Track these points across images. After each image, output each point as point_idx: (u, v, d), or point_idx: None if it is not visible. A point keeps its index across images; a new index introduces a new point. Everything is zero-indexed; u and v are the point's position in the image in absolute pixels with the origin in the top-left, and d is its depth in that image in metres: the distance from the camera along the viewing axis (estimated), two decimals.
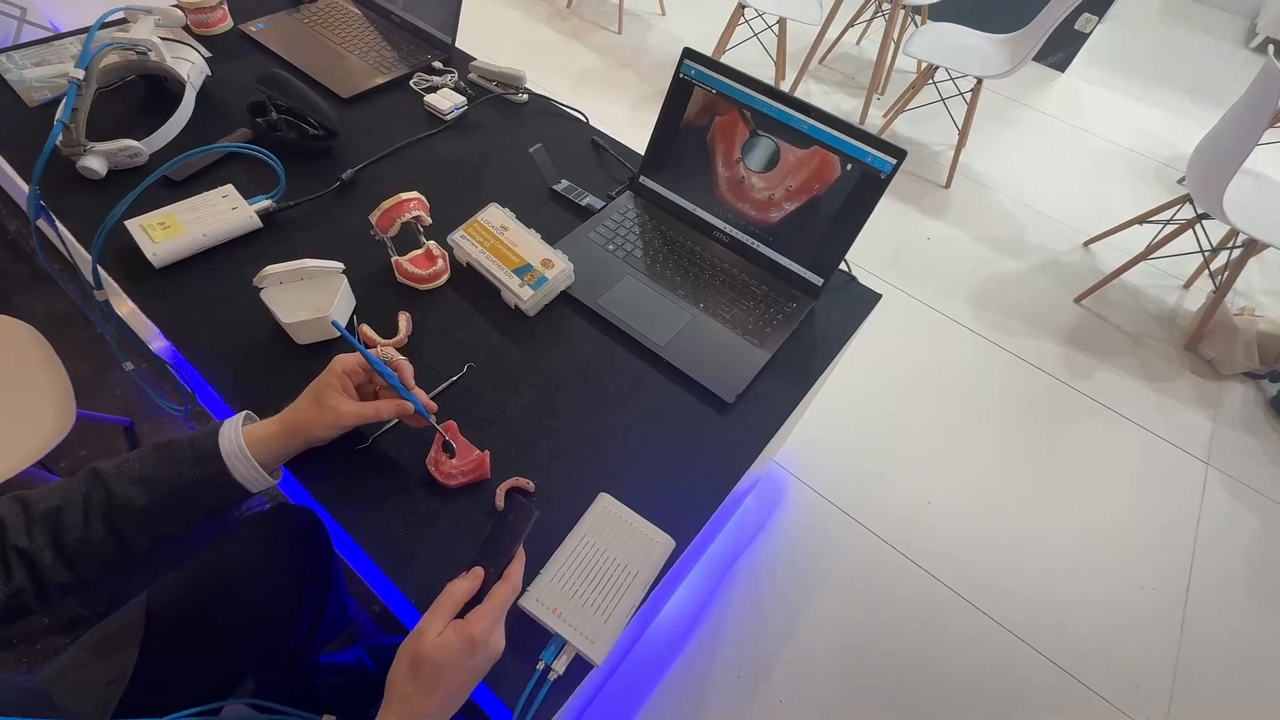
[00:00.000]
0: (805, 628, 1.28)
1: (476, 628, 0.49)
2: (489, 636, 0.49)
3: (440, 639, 0.49)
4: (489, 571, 0.53)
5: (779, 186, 0.83)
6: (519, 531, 0.55)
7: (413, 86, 1.07)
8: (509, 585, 0.53)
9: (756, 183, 0.84)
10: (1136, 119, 2.85)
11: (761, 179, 0.84)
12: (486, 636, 0.49)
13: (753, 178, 0.84)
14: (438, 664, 0.48)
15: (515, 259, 0.79)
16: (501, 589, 0.52)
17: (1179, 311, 2.04)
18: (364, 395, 0.64)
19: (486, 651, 0.49)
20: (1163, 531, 1.52)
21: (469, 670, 0.49)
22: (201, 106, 0.98)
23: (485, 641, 0.49)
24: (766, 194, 0.84)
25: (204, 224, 0.79)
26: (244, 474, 0.58)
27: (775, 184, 0.83)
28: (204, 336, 0.72)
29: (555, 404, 0.72)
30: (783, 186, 0.83)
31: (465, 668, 0.49)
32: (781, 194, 0.83)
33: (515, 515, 0.56)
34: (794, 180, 0.81)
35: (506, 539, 0.55)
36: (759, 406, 0.75)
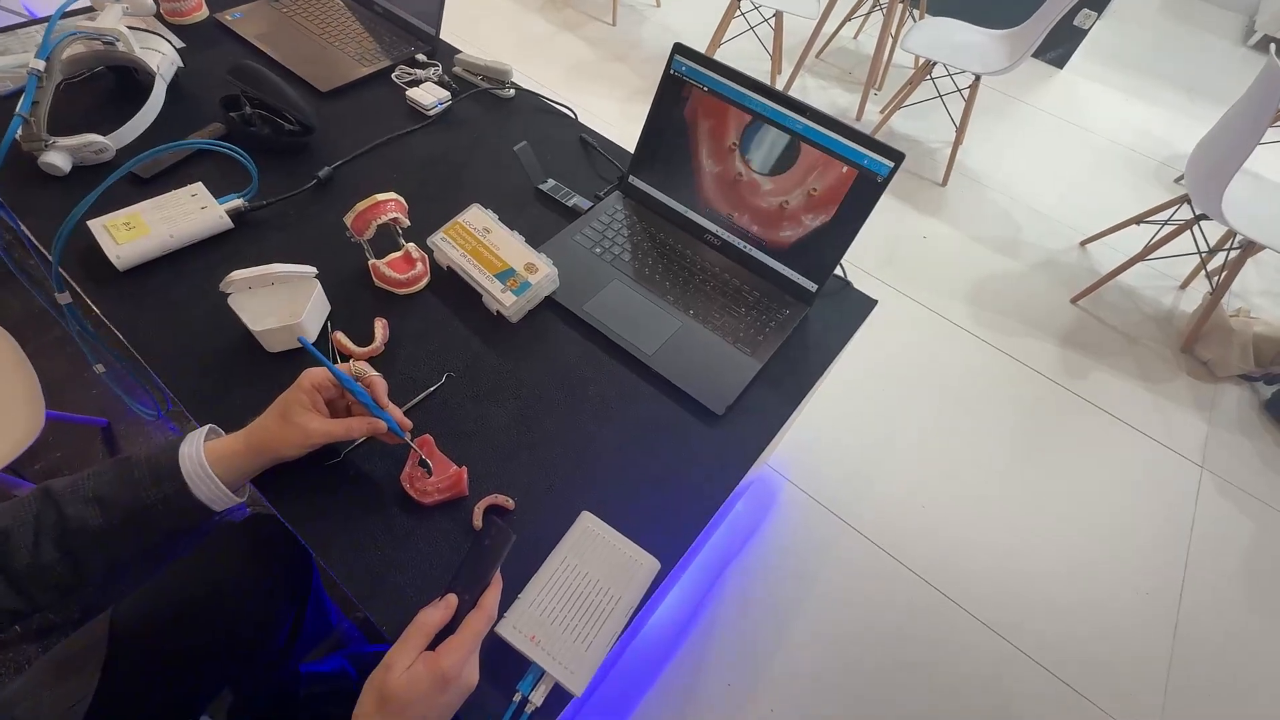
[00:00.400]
0: (797, 635, 1.27)
1: (447, 661, 0.46)
2: (461, 670, 0.47)
3: (409, 674, 0.46)
4: (463, 599, 0.50)
5: (772, 190, 0.80)
6: (496, 556, 0.52)
7: (395, 80, 1.04)
8: (483, 614, 0.50)
9: (750, 185, 0.81)
10: (1135, 116, 2.83)
11: (755, 181, 0.81)
12: (458, 670, 0.46)
13: (745, 179, 0.81)
14: (405, 701, 0.45)
15: (497, 263, 0.76)
16: (475, 618, 0.49)
17: (1175, 313, 2.03)
18: (335, 410, 0.61)
19: (458, 686, 0.47)
20: (1157, 535, 1.51)
21: (439, 707, 0.46)
22: (173, 99, 0.94)
23: (457, 676, 0.46)
24: (760, 197, 0.81)
25: (171, 224, 0.76)
26: (206, 493, 0.55)
27: (771, 188, 0.80)
28: (168, 343, 0.69)
29: (537, 416, 0.69)
30: (777, 190, 0.80)
31: (435, 704, 0.46)
32: (776, 198, 0.80)
33: (492, 539, 0.54)
34: (788, 184, 0.79)
35: (483, 564, 0.52)
36: (749, 419, 0.72)
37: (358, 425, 0.58)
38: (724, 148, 0.82)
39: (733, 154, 0.82)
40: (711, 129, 0.82)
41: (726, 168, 0.83)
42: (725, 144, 0.82)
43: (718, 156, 0.83)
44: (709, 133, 0.82)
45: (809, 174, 0.77)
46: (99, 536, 0.54)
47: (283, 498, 0.60)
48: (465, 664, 0.47)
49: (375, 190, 0.83)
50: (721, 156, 0.82)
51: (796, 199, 0.79)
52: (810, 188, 0.77)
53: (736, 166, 0.82)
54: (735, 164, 0.82)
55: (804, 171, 0.77)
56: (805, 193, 0.78)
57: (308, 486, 0.61)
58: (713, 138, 0.82)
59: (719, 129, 0.81)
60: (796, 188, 0.78)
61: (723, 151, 0.82)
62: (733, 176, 0.82)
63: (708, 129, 0.82)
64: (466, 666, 0.47)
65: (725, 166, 0.83)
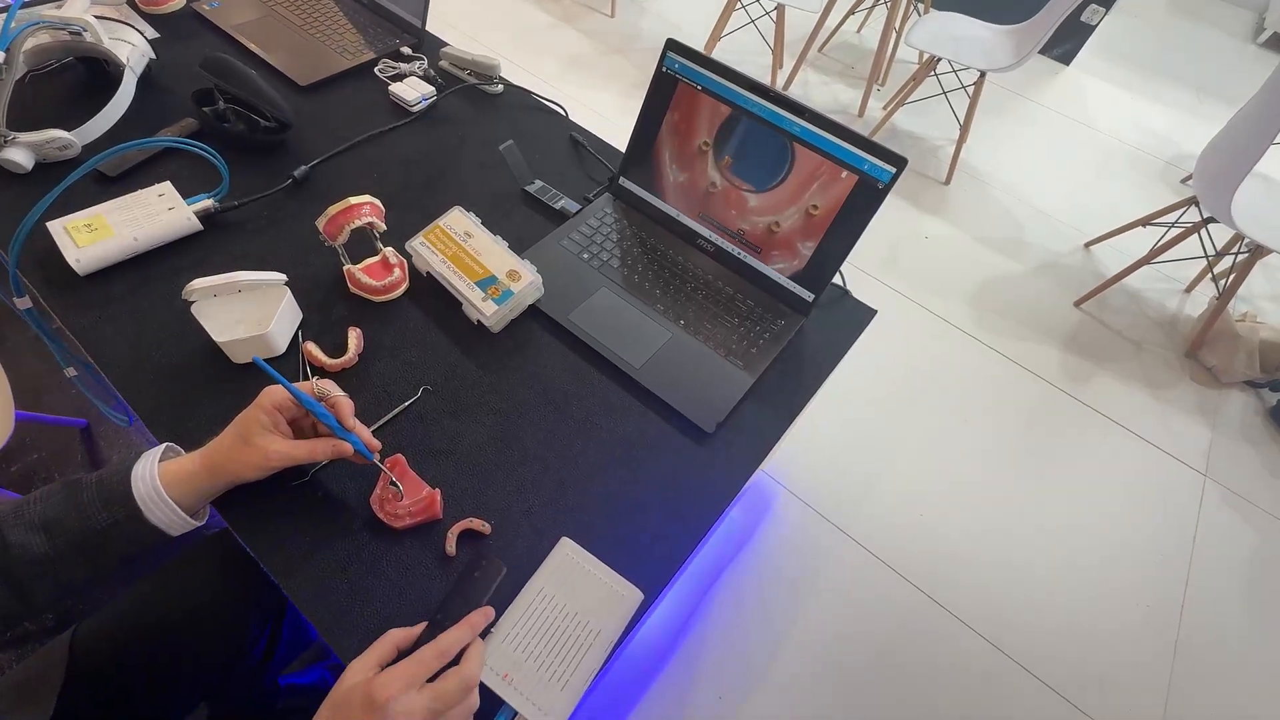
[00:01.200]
0: (790, 646, 1.24)
1: (379, 687, 0.42)
2: (393, 702, 0.42)
3: (345, 688, 0.44)
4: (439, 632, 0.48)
5: (770, 199, 0.76)
6: (485, 589, 0.51)
7: (377, 74, 1.00)
8: (436, 650, 0.46)
9: (748, 196, 0.78)
10: (1141, 115, 2.78)
11: (752, 193, 0.77)
12: (387, 700, 0.42)
13: (743, 185, 0.78)
14: (340, 709, 0.43)
15: (479, 270, 0.72)
16: (427, 652, 0.46)
17: (1180, 317, 1.99)
18: (300, 429, 0.57)
19: (384, 717, 0.42)
20: (1158, 546, 1.48)
21: None
22: (145, 93, 0.90)
23: (383, 707, 0.42)
24: (755, 203, 0.77)
25: (136, 226, 0.72)
26: (161, 518, 0.52)
27: (769, 200, 0.76)
28: (129, 353, 0.65)
29: (517, 433, 0.65)
30: (774, 197, 0.76)
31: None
32: (772, 204, 0.76)
33: (482, 570, 0.52)
34: (785, 192, 0.75)
35: (471, 597, 0.50)
36: (740, 437, 0.69)
37: (321, 447, 0.54)
38: (718, 150, 0.78)
39: (727, 158, 0.78)
40: (704, 129, 0.78)
41: (721, 171, 0.79)
42: (720, 146, 0.78)
43: (711, 159, 0.79)
44: (702, 133, 0.78)
45: (808, 183, 0.73)
46: (45, 564, 0.50)
47: (243, 520, 0.57)
48: (401, 695, 0.43)
49: (353, 191, 0.79)
50: (716, 159, 0.79)
51: (794, 206, 0.75)
52: (807, 196, 0.73)
53: (731, 173, 0.78)
54: (730, 170, 0.78)
55: (803, 180, 0.73)
56: (803, 200, 0.74)
57: (271, 509, 0.57)
58: (705, 139, 0.78)
59: (712, 129, 0.77)
60: (793, 196, 0.75)
61: (717, 154, 0.78)
62: (727, 181, 0.79)
63: (700, 129, 0.78)
64: (403, 699, 0.43)
65: (719, 170, 0.79)
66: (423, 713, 0.43)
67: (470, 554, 0.57)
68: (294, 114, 0.88)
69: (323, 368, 0.66)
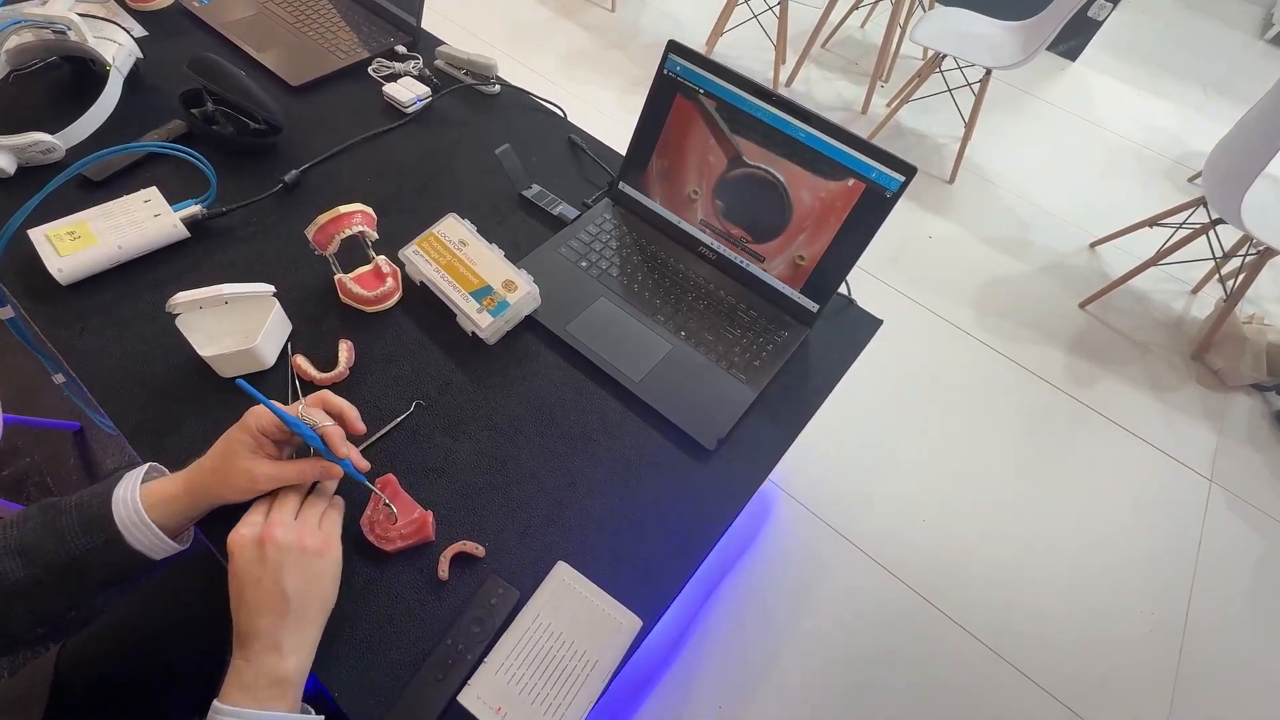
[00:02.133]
0: (791, 654, 1.23)
1: (267, 533, 0.48)
2: (275, 529, 0.49)
3: (236, 548, 0.48)
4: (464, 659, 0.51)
5: (774, 206, 0.74)
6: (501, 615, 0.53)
7: (371, 74, 0.97)
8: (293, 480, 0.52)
9: (752, 199, 0.75)
10: (1149, 112, 2.75)
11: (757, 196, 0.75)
12: (269, 534, 0.48)
13: (746, 193, 0.75)
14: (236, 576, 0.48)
15: (474, 280, 0.70)
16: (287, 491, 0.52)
17: (1186, 319, 1.97)
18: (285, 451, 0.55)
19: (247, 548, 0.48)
20: (1163, 552, 1.47)
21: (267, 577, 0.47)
22: (132, 94, 0.88)
23: (270, 540, 0.48)
24: (761, 212, 0.75)
25: (120, 234, 0.70)
26: (143, 542, 0.50)
27: (771, 204, 0.74)
28: (113, 367, 0.64)
29: (513, 450, 0.64)
30: (777, 206, 0.74)
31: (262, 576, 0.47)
32: (776, 213, 0.74)
33: (499, 597, 0.54)
34: (789, 201, 0.73)
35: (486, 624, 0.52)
36: (742, 453, 0.67)
37: (310, 468, 0.52)
38: (720, 155, 0.76)
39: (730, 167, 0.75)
40: (706, 135, 0.75)
41: (723, 177, 0.76)
42: (722, 151, 0.75)
43: (714, 165, 0.77)
44: (704, 138, 0.76)
45: (814, 186, 0.71)
46: (22, 591, 0.49)
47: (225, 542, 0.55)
48: (279, 523, 0.49)
49: (345, 196, 0.77)
50: (719, 164, 0.76)
51: (801, 217, 0.73)
52: (816, 201, 0.71)
53: (734, 176, 0.76)
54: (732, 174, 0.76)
55: (812, 196, 0.71)
56: (811, 211, 0.72)
57: None
58: (708, 144, 0.76)
59: (715, 135, 0.75)
60: (801, 206, 0.72)
61: (719, 158, 0.76)
62: (728, 186, 0.76)
63: (702, 134, 0.76)
64: (283, 527, 0.49)
65: (722, 175, 0.76)
66: (273, 520, 0.49)
67: (465, 578, 0.55)
68: (285, 116, 0.86)
69: (312, 382, 0.64)
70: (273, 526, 0.49)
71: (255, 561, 0.47)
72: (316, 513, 0.52)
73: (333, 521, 0.53)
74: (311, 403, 0.54)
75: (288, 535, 0.48)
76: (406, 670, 0.51)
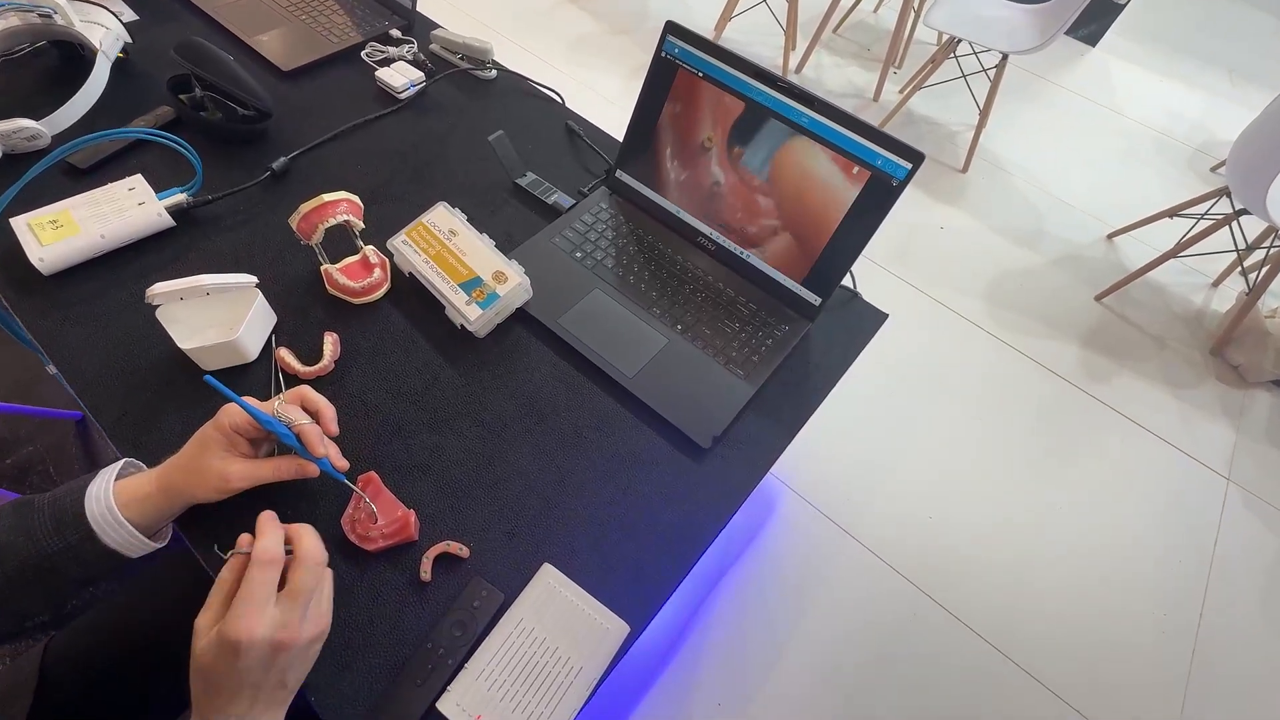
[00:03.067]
0: (793, 653, 1.21)
1: (229, 628, 0.40)
2: (252, 633, 0.39)
3: (199, 650, 0.41)
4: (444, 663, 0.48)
5: (775, 194, 0.71)
6: (484, 619, 0.51)
7: (364, 59, 0.95)
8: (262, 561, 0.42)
9: (753, 187, 0.73)
10: (1170, 99, 2.66)
11: (758, 184, 0.72)
12: (241, 636, 0.39)
13: (748, 180, 0.73)
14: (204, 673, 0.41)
15: (463, 271, 0.68)
16: (255, 571, 0.41)
17: (1206, 312, 1.91)
18: (263, 446, 0.54)
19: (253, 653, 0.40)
20: (1177, 552, 1.43)
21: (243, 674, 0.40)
22: (121, 79, 0.86)
23: (243, 646, 0.39)
24: (759, 199, 0.72)
25: (103, 222, 0.68)
26: (118, 540, 0.49)
27: (773, 191, 0.71)
28: (94, 359, 0.62)
29: (501, 447, 0.62)
30: (778, 194, 0.71)
31: (237, 673, 0.40)
32: (778, 201, 0.71)
33: (481, 600, 0.51)
34: (791, 189, 0.70)
35: (469, 628, 0.50)
36: (738, 452, 0.64)
37: (286, 466, 0.51)
38: (721, 142, 0.73)
39: (731, 151, 0.72)
40: (706, 121, 0.73)
41: (723, 165, 0.74)
42: (723, 138, 0.72)
43: (714, 152, 0.74)
44: (704, 124, 0.73)
45: (816, 174, 0.68)
46: None
47: (205, 541, 0.53)
48: (255, 624, 0.40)
49: (334, 184, 0.75)
50: (719, 152, 0.73)
51: (800, 205, 0.70)
52: (818, 189, 0.68)
53: (735, 165, 0.73)
54: (733, 162, 0.73)
55: (811, 178, 0.68)
56: (810, 199, 0.69)
57: (236, 529, 0.54)
58: (708, 130, 0.73)
59: (715, 121, 0.72)
60: (800, 194, 0.69)
61: (720, 147, 0.73)
62: (729, 175, 0.73)
63: (702, 120, 0.73)
64: (260, 626, 0.40)
65: (721, 164, 0.74)
66: (285, 623, 0.41)
67: (448, 580, 0.54)
68: (275, 102, 0.84)
69: (296, 375, 0.63)
70: (290, 631, 0.42)
71: (263, 666, 0.41)
72: (325, 597, 0.46)
73: (329, 597, 0.47)
74: (289, 399, 0.52)
75: (305, 633, 0.43)
76: (385, 675, 0.49)
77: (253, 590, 0.41)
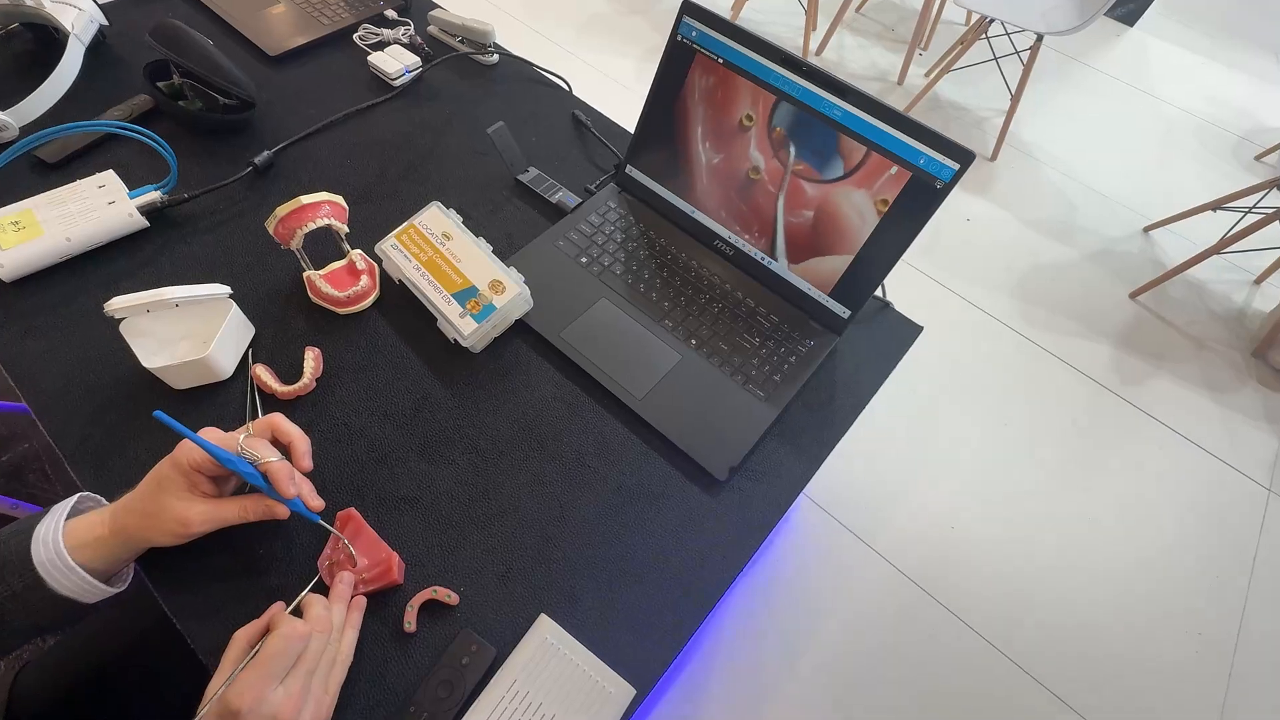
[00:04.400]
0: (806, 667, 1.16)
1: (234, 694, 0.38)
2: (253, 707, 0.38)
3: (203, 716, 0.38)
4: None
5: (804, 197, 0.64)
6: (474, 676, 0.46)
7: (357, 42, 0.88)
8: (286, 636, 0.41)
9: (772, 183, 0.66)
10: (1213, 83, 2.52)
11: (779, 178, 0.65)
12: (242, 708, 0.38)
13: (766, 180, 0.66)
14: None
15: (457, 280, 0.62)
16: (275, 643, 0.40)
17: (1248, 312, 1.81)
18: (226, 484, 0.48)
19: None
20: (1215, 567, 1.36)
21: None
22: (96, 65, 0.80)
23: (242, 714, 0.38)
24: (785, 200, 0.65)
25: (69, 223, 0.63)
26: (69, 586, 0.44)
27: (803, 198, 0.64)
28: (54, 374, 0.57)
29: (496, 478, 0.56)
30: (809, 194, 0.64)
31: None
32: (805, 201, 0.64)
33: (471, 656, 0.46)
34: (823, 189, 0.63)
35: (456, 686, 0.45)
36: (758, 486, 0.58)
37: (253, 507, 0.45)
38: (743, 136, 0.66)
39: (754, 147, 0.65)
40: (727, 110, 0.66)
41: (745, 162, 0.67)
42: (745, 132, 0.65)
43: (734, 147, 0.67)
44: (724, 115, 0.66)
45: (849, 173, 0.61)
46: None
47: (167, 582, 0.48)
48: (260, 698, 0.39)
49: (322, 180, 0.70)
50: (740, 147, 0.66)
51: (831, 206, 0.63)
52: (850, 191, 0.61)
53: (756, 160, 0.66)
54: (754, 157, 0.66)
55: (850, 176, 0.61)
56: (840, 200, 0.62)
57: (200, 570, 0.49)
58: (728, 123, 0.66)
59: (737, 110, 0.65)
60: (832, 190, 0.62)
61: (742, 141, 0.66)
62: (751, 174, 0.67)
63: (722, 110, 0.66)
64: (266, 703, 0.39)
65: (744, 160, 0.67)
66: (290, 703, 0.40)
67: (435, 630, 0.48)
68: (260, 90, 0.78)
69: (274, 395, 0.57)
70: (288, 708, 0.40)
71: None
72: (336, 681, 0.44)
73: (338, 682, 0.44)
74: (258, 430, 0.47)
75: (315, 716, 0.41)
76: None
77: (269, 664, 0.40)
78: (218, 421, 0.56)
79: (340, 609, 0.46)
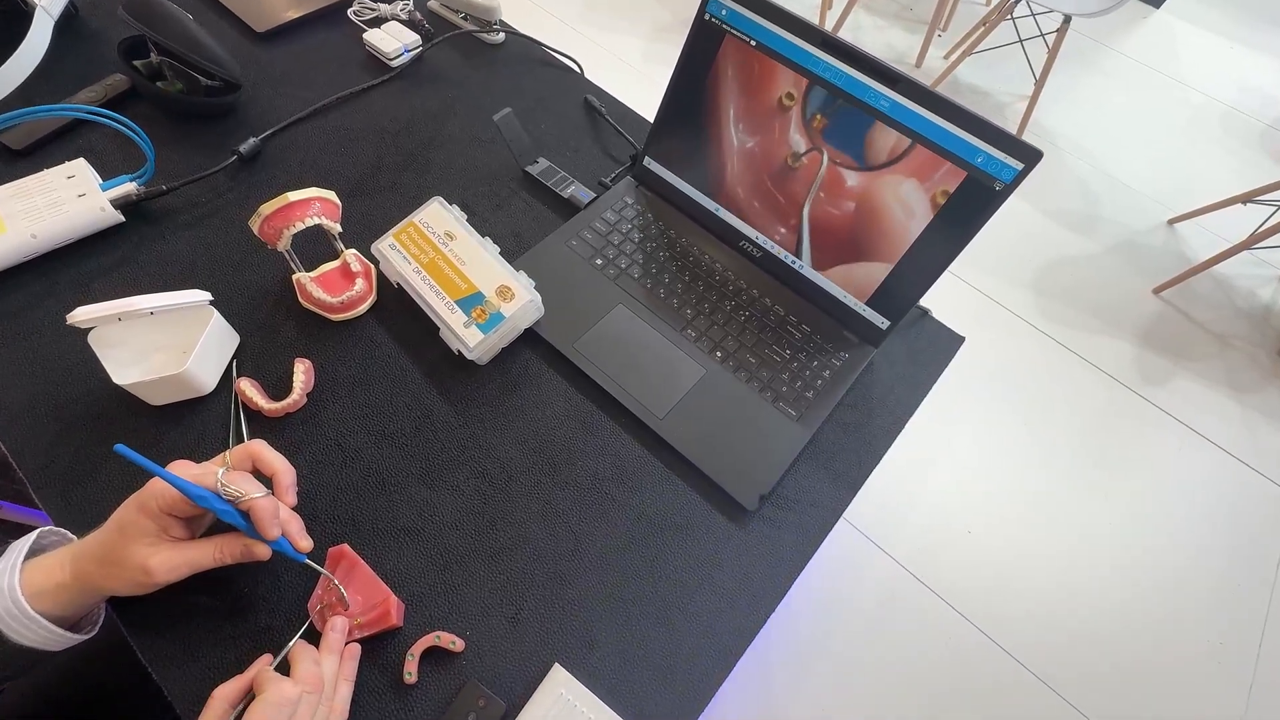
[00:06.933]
0: (818, 678, 1.12)
1: None
2: None
3: None
4: None
5: (843, 193, 0.58)
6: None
7: (352, 18, 0.81)
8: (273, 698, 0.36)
9: (807, 179, 0.60)
10: (1241, 68, 2.43)
11: (815, 174, 0.59)
12: None
13: (801, 173, 0.60)
14: None
15: (461, 285, 0.56)
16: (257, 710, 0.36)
17: (1273, 310, 1.76)
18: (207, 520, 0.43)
19: None
20: (1236, 574, 1.32)
21: None
22: (69, 42, 0.74)
23: None
24: (822, 198, 0.60)
25: (35, 219, 0.57)
26: (30, 637, 0.39)
27: (842, 195, 0.58)
28: (17, 389, 0.52)
29: (505, 506, 0.51)
30: (849, 190, 0.58)
31: None
32: (843, 199, 0.59)
33: (479, 713, 0.42)
34: (862, 181, 0.57)
35: None
36: (789, 516, 0.53)
37: (231, 548, 0.40)
38: (779, 127, 0.60)
39: (791, 141, 0.59)
40: (759, 99, 0.59)
41: (779, 155, 0.61)
42: (782, 122, 0.59)
43: (767, 139, 0.61)
44: (756, 104, 0.60)
45: (894, 170, 0.55)
46: None
47: (144, 629, 0.44)
48: None
49: (312, 170, 0.64)
50: (774, 139, 0.60)
51: (874, 207, 0.57)
52: (896, 189, 0.56)
53: (795, 145, 0.60)
54: (789, 149, 0.60)
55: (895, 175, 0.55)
56: (888, 203, 0.56)
57: (180, 614, 0.44)
58: (762, 113, 0.60)
59: (770, 100, 0.59)
60: (875, 187, 0.57)
61: (776, 132, 0.60)
62: (784, 166, 0.61)
63: (754, 99, 0.60)
64: None
65: (778, 153, 0.61)
66: None
67: (438, 681, 0.44)
68: (246, 70, 0.72)
69: (259, 412, 0.52)
70: None
71: None
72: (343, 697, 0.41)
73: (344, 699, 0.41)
74: (237, 460, 0.42)
75: None
76: None
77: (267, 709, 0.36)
78: (199, 442, 0.51)
79: (332, 661, 0.41)
